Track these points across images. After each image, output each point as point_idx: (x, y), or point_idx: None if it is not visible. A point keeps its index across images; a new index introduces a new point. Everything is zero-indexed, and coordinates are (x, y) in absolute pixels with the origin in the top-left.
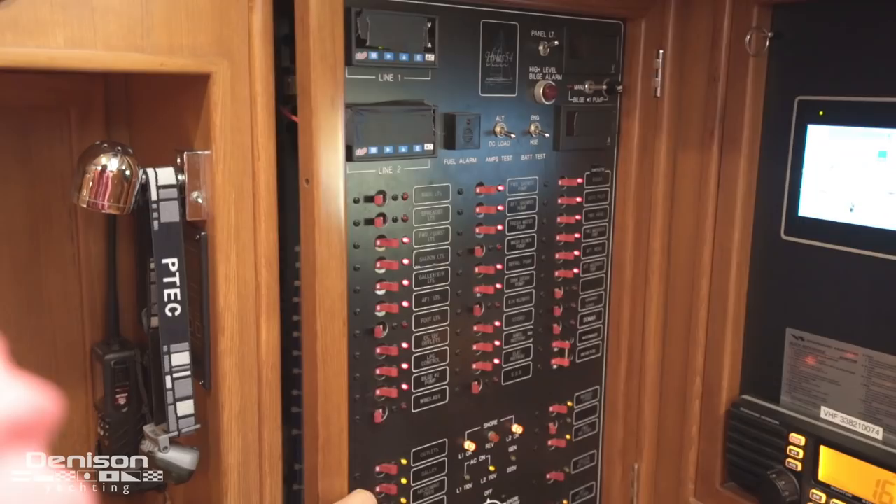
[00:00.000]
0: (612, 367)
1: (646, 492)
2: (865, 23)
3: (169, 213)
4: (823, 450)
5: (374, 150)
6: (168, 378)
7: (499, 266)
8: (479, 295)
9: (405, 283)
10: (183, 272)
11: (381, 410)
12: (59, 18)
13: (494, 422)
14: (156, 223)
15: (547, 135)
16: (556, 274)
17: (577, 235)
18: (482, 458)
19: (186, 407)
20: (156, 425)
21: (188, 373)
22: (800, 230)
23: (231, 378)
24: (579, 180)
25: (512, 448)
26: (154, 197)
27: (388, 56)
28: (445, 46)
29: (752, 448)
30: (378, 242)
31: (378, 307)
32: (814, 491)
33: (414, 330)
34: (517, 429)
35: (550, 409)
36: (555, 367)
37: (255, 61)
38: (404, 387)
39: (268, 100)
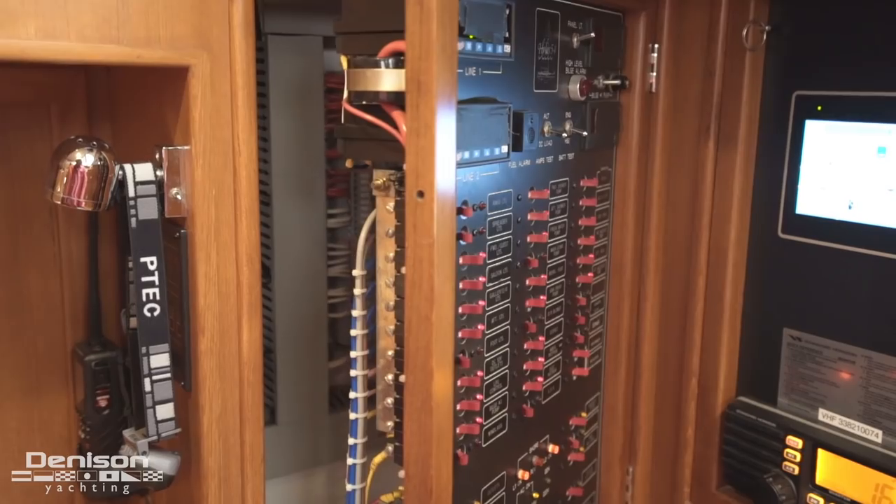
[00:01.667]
0: (612, 371)
1: (641, 495)
2: (864, 16)
3: (147, 210)
4: (821, 453)
5: (466, 154)
6: (147, 381)
7: (543, 276)
8: (529, 309)
9: (481, 302)
10: (162, 271)
11: (461, 450)
12: (30, 8)
13: (536, 444)
14: (133, 220)
15: (585, 133)
16: (578, 280)
17: (592, 238)
18: (528, 485)
19: (166, 410)
20: (135, 429)
21: (168, 375)
22: (797, 228)
23: (212, 379)
24: (595, 180)
25: (547, 469)
26: (131, 193)
27: (479, 47)
28: (512, 38)
29: (749, 451)
30: (461, 260)
31: (460, 333)
32: (811, 495)
33: (486, 355)
34: (553, 448)
35: (570, 422)
36: (574, 377)
37: (235, 54)
38: (478, 420)
39: (249, 93)
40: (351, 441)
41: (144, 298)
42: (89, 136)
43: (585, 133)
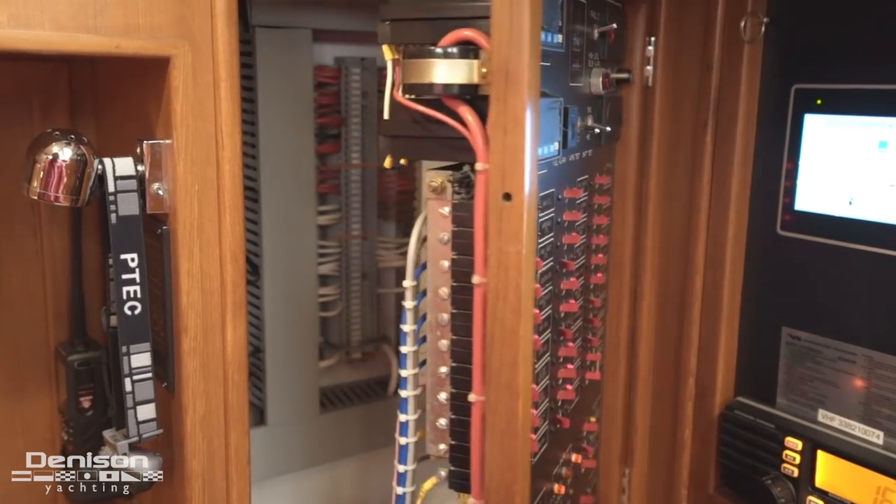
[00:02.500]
0: (611, 372)
1: (637, 498)
2: (866, 7)
3: (127, 205)
4: (821, 455)
5: None
6: (128, 380)
7: (573, 279)
8: (562, 314)
9: (535, 311)
10: (143, 268)
11: None
12: None
13: (564, 456)
14: (113, 216)
15: (609, 129)
16: (591, 281)
17: (602, 237)
18: (559, 498)
19: (147, 411)
20: (116, 430)
21: (149, 375)
22: (797, 225)
23: (195, 380)
24: (606, 177)
25: (570, 480)
26: (111, 189)
27: (543, 36)
28: (564, 27)
29: (747, 452)
30: None
31: None
32: (811, 498)
33: (535, 366)
34: (576, 458)
35: (584, 428)
36: (587, 382)
37: (218, 44)
38: (533, 436)
39: (232, 85)
40: (401, 468)
41: (125, 296)
42: (67, 129)
43: (609, 129)
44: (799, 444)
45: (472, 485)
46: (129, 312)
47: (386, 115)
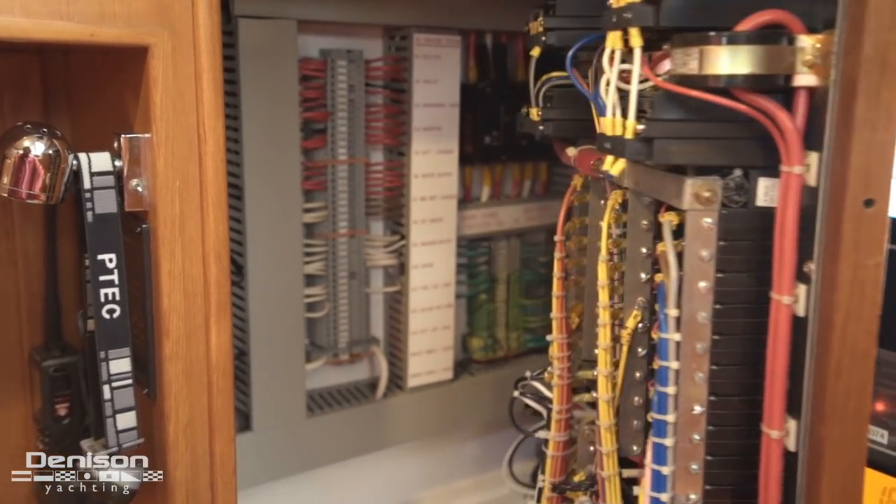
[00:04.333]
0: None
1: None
2: None
3: (105, 203)
4: None
5: None
6: (107, 388)
7: None
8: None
9: None
10: (122, 269)
11: None
12: None
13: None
14: (90, 214)
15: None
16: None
17: None
18: None
19: (127, 419)
20: (94, 439)
21: (129, 381)
22: None
23: (178, 385)
24: None
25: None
26: (87, 185)
27: None
28: None
29: None
30: None
31: None
32: None
33: None
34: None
35: None
36: None
37: (199, 33)
38: None
39: (215, 76)
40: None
41: (103, 299)
42: (39, 122)
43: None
44: None
45: None
46: (107, 316)
47: (653, 113)
